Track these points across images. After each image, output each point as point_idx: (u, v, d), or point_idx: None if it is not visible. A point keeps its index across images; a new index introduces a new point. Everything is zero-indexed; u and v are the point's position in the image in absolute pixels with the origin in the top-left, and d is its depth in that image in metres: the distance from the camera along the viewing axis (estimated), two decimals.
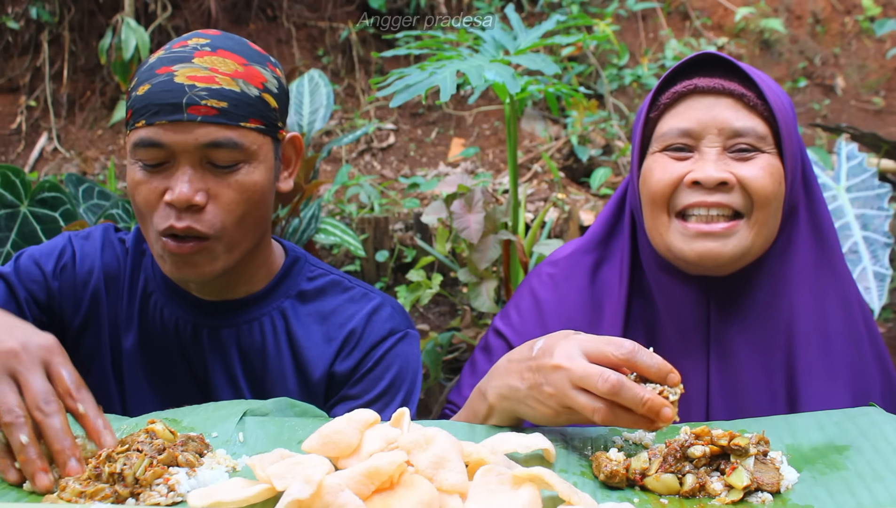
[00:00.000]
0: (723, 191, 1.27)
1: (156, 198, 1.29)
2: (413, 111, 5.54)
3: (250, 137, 1.31)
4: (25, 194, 2.36)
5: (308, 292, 1.47)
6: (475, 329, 3.32)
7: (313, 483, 0.85)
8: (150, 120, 1.27)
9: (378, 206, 4.18)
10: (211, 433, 1.10)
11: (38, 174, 4.98)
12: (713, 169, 1.27)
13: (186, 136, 1.26)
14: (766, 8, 6.14)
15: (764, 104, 1.30)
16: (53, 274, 1.44)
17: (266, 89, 1.34)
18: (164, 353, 1.44)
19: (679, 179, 1.30)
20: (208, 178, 1.29)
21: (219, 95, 1.27)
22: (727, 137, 1.29)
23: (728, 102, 1.29)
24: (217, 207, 1.29)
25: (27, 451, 0.96)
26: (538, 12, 5.74)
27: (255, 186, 1.32)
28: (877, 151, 3.95)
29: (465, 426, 1.15)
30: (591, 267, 1.47)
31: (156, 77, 1.28)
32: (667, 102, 1.34)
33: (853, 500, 0.94)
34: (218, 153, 1.28)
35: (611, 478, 0.99)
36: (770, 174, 1.28)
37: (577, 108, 4.86)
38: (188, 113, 1.26)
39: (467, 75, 2.24)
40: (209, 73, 1.28)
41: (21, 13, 5.28)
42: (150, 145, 1.27)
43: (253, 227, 1.35)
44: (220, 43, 1.33)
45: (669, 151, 1.32)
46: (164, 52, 1.32)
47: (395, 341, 1.45)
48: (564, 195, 4.50)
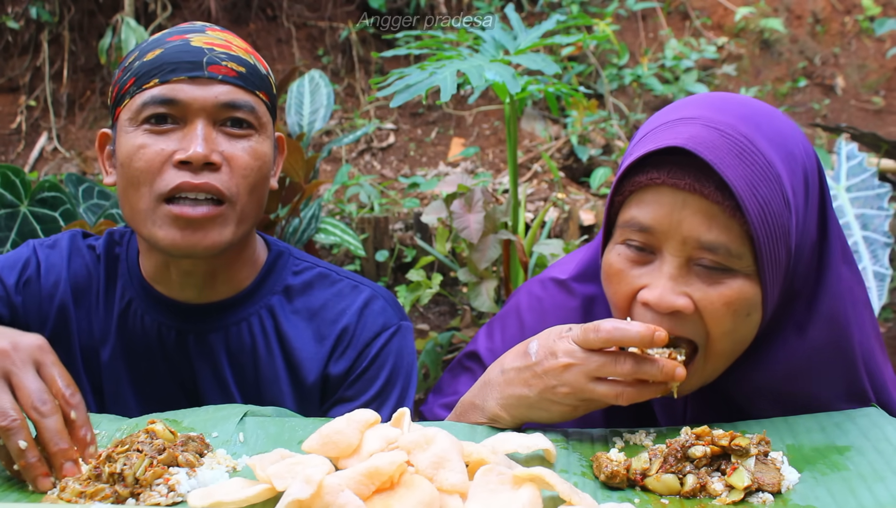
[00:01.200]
0: (676, 319, 1.08)
1: (162, 160, 1.22)
2: (413, 111, 5.54)
3: (261, 108, 1.30)
4: (25, 193, 2.36)
5: (294, 286, 1.41)
6: (475, 329, 3.32)
7: (313, 483, 0.85)
8: (166, 77, 1.23)
9: (378, 206, 4.17)
10: (211, 434, 1.10)
11: (38, 174, 4.98)
12: (668, 291, 1.07)
13: (205, 92, 1.23)
14: (766, 8, 6.14)
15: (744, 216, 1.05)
16: (16, 288, 1.35)
17: (269, 74, 1.35)
18: (147, 362, 1.37)
19: (633, 294, 1.12)
20: (222, 140, 1.25)
21: (237, 60, 1.27)
22: (693, 247, 1.07)
23: (700, 205, 1.05)
24: (233, 169, 1.25)
25: (26, 456, 0.95)
26: (538, 12, 5.74)
27: (266, 157, 1.30)
28: (877, 150, 3.95)
29: (466, 427, 1.15)
30: (584, 301, 1.34)
31: (168, 43, 1.26)
32: (632, 188, 1.12)
33: (854, 500, 0.94)
34: (235, 114, 1.25)
35: (611, 478, 0.99)
36: (735, 311, 1.07)
37: (577, 107, 4.86)
38: (209, 71, 1.24)
39: (467, 75, 2.23)
40: (225, 42, 1.29)
41: (21, 13, 5.27)
42: (162, 102, 1.22)
43: (259, 202, 1.31)
44: (225, 29, 1.35)
45: (631, 246, 1.12)
46: (168, 29, 1.32)
47: (389, 336, 1.40)
48: (564, 195, 4.49)
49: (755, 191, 1.05)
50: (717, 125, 1.07)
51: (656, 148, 1.08)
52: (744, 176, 1.05)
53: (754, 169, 1.06)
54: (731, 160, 1.05)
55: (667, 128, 1.11)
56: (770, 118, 1.12)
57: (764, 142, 1.08)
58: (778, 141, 1.10)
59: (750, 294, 1.08)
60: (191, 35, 1.28)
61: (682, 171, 1.06)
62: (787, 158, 1.10)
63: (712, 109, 1.11)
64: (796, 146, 1.13)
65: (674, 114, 1.13)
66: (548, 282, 1.41)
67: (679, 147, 1.06)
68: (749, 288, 1.08)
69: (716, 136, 1.06)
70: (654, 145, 1.09)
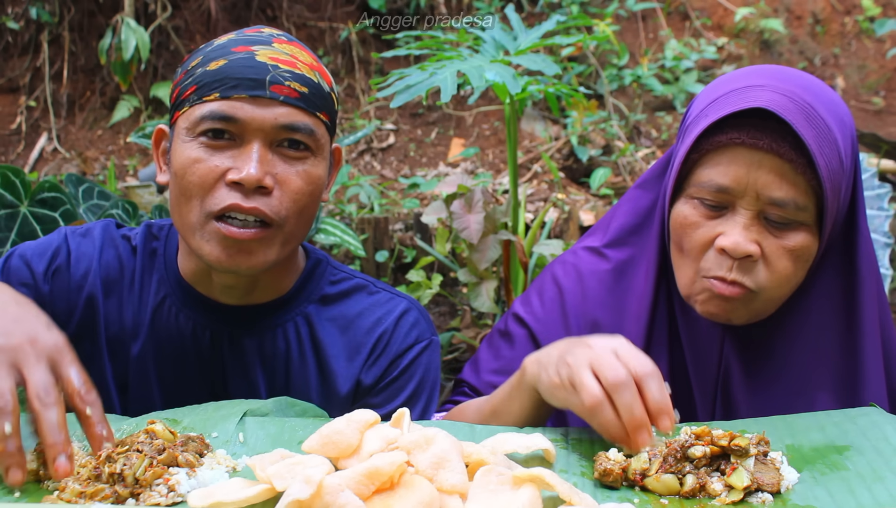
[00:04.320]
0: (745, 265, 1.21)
1: (215, 177, 1.20)
2: (413, 111, 5.54)
3: (321, 129, 1.27)
4: (25, 194, 2.36)
5: (332, 295, 1.40)
6: (475, 329, 3.33)
7: (313, 483, 0.85)
8: (227, 93, 1.20)
9: (378, 206, 4.18)
10: (211, 434, 1.10)
11: (38, 174, 4.98)
12: (742, 239, 1.20)
13: (265, 113, 1.20)
14: (766, 8, 6.14)
15: (813, 172, 1.18)
16: (45, 277, 1.33)
17: (332, 89, 1.31)
18: (177, 361, 1.35)
19: (709, 242, 1.24)
20: (276, 162, 1.22)
21: (301, 80, 1.23)
22: (765, 202, 1.19)
23: (774, 164, 1.18)
24: (284, 193, 1.22)
25: (7, 443, 0.93)
26: (538, 12, 5.74)
27: (320, 180, 1.27)
28: (877, 151, 3.95)
29: (466, 427, 1.15)
30: (617, 265, 1.42)
31: (233, 54, 1.23)
32: (709, 148, 1.23)
33: (853, 500, 0.94)
34: (294, 136, 1.22)
35: (605, 476, 0.98)
36: (797, 258, 1.22)
37: (577, 108, 4.86)
38: (271, 91, 1.21)
39: (468, 76, 2.24)
40: (290, 58, 1.24)
41: (21, 13, 5.28)
42: (220, 119, 1.20)
43: (307, 222, 1.29)
44: (292, 38, 1.30)
45: (704, 203, 1.24)
46: (234, 35, 1.27)
47: (421, 349, 1.40)
48: (564, 195, 4.50)
49: (821, 151, 1.18)
50: (785, 92, 1.19)
51: (738, 109, 1.19)
52: (813, 137, 1.17)
53: (818, 131, 1.18)
54: (802, 122, 1.17)
55: (738, 94, 1.21)
56: (823, 88, 1.25)
57: (822, 108, 1.20)
58: (832, 108, 1.22)
59: (809, 243, 1.22)
60: (256, 47, 1.24)
61: (759, 132, 1.18)
62: (839, 124, 1.22)
63: (775, 78, 1.22)
64: (845, 114, 1.25)
65: (738, 83, 1.24)
66: (580, 250, 1.48)
67: (757, 109, 1.17)
68: (809, 239, 1.21)
69: (786, 101, 1.18)
70: (733, 108, 1.19)
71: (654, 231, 1.38)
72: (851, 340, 1.30)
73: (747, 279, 1.21)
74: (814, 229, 1.22)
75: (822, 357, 1.31)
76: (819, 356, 1.31)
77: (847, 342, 1.30)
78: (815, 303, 1.31)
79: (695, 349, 1.34)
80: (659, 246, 1.36)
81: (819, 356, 1.31)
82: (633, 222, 1.42)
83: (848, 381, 1.30)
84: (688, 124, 1.30)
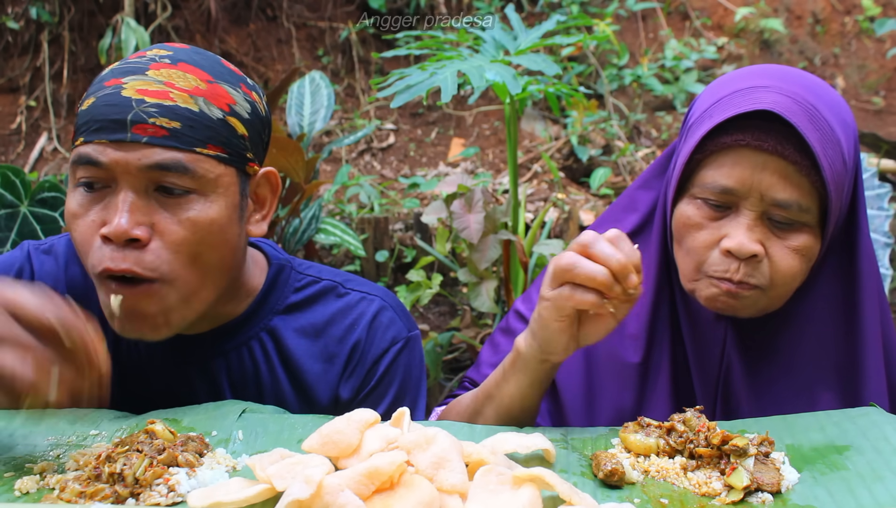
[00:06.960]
0: (750, 265, 1.22)
1: (91, 233, 1.11)
2: (413, 111, 5.54)
3: (206, 164, 1.13)
4: (25, 194, 2.36)
5: (297, 303, 1.33)
6: (475, 329, 3.33)
7: (313, 483, 0.85)
8: (90, 137, 1.10)
9: (378, 206, 4.18)
10: (211, 433, 1.10)
11: (38, 174, 4.98)
12: (746, 240, 1.20)
13: (128, 156, 1.09)
14: (766, 8, 6.14)
15: (817, 173, 1.18)
16: None
17: (233, 112, 1.16)
18: (142, 387, 1.28)
19: (713, 244, 1.24)
20: (154, 209, 1.11)
21: (171, 114, 1.10)
22: (769, 204, 1.20)
23: (778, 166, 1.18)
24: (163, 245, 1.11)
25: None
26: (538, 12, 5.74)
27: (211, 224, 1.14)
28: (877, 151, 3.96)
29: (465, 427, 1.15)
30: None
31: (103, 89, 1.12)
32: (714, 148, 1.23)
33: (853, 500, 0.94)
34: (164, 178, 1.10)
35: (610, 476, 0.99)
36: (801, 257, 1.22)
37: (577, 108, 4.86)
38: (132, 133, 1.09)
39: (468, 76, 2.24)
40: (163, 87, 1.11)
41: (21, 13, 5.28)
42: (87, 163, 1.10)
43: (213, 273, 1.17)
44: (183, 56, 1.16)
45: (708, 204, 1.24)
46: (117, 63, 1.17)
47: (397, 353, 1.34)
48: (564, 195, 4.50)
49: (826, 152, 1.18)
50: (789, 94, 1.19)
51: (743, 111, 1.19)
52: (817, 139, 1.17)
53: (822, 133, 1.19)
54: (807, 124, 1.17)
55: (742, 95, 1.21)
56: (826, 88, 1.25)
57: (826, 109, 1.21)
58: (835, 110, 1.23)
59: (812, 244, 1.22)
60: (127, 79, 1.12)
61: (764, 134, 1.18)
62: (842, 125, 1.22)
63: (779, 79, 1.23)
64: (848, 115, 1.26)
65: (742, 83, 1.24)
66: None
67: (762, 110, 1.17)
68: (812, 240, 1.22)
69: (791, 102, 1.18)
70: (737, 109, 1.19)
71: (656, 229, 1.38)
72: (852, 338, 1.30)
73: (754, 278, 1.22)
74: (816, 230, 1.23)
75: (824, 356, 1.31)
76: (820, 354, 1.31)
77: (848, 340, 1.31)
78: (817, 302, 1.31)
79: (697, 346, 1.35)
80: (660, 244, 1.37)
81: (820, 355, 1.31)
82: (636, 222, 1.43)
83: (849, 379, 1.30)
84: (690, 124, 1.29)
